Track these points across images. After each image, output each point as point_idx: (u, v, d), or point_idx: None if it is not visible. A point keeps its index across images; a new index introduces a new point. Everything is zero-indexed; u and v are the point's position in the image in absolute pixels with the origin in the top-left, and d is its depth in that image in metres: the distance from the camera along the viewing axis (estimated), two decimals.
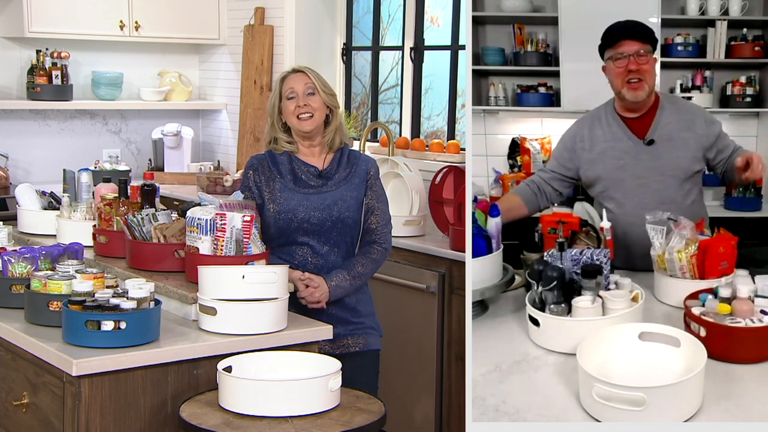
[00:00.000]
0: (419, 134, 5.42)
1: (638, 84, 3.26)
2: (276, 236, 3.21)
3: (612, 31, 3.31)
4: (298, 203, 3.18)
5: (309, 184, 3.21)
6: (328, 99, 3.21)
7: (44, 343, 2.63)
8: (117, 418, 2.59)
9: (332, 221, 3.18)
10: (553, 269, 2.69)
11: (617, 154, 3.36)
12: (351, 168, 3.25)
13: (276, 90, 3.24)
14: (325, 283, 3.14)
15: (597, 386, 2.26)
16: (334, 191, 3.21)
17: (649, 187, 3.33)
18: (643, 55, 3.25)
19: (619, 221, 3.31)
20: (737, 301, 2.62)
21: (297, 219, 3.17)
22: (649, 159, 3.33)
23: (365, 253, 3.25)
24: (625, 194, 3.36)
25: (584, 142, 3.43)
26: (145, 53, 6.18)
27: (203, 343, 2.72)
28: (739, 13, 4.42)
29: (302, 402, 2.50)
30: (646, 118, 3.35)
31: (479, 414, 2.34)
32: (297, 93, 3.18)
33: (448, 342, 4.16)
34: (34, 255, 3.04)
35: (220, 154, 6.32)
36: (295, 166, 3.23)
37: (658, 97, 3.38)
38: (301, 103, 3.17)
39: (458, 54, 5.12)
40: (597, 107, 3.47)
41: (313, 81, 3.19)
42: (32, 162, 5.82)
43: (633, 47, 3.25)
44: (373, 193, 3.26)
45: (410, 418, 4.32)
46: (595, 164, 3.40)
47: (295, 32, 5.69)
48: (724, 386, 2.40)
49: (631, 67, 3.24)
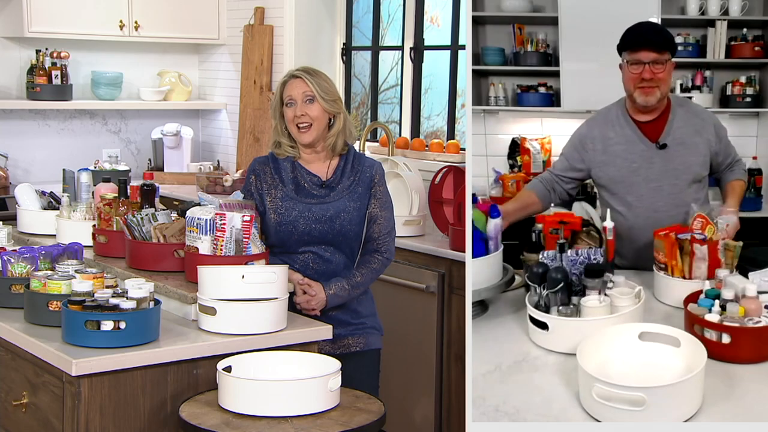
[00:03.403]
0: (419, 134, 5.42)
1: (650, 90, 3.26)
2: (277, 245, 3.17)
3: (631, 35, 3.30)
4: (299, 214, 3.13)
5: (311, 193, 3.16)
6: (328, 106, 3.13)
7: (44, 343, 2.63)
8: (116, 418, 2.59)
9: (333, 233, 3.14)
10: (557, 271, 2.68)
11: (631, 157, 3.36)
12: (355, 175, 3.19)
13: (277, 94, 3.18)
14: (322, 291, 3.11)
15: (597, 386, 2.26)
16: (336, 202, 3.15)
17: (662, 190, 3.34)
18: (660, 64, 3.24)
19: (630, 222, 3.34)
20: (746, 300, 2.62)
21: (297, 231, 3.13)
22: (662, 162, 3.33)
23: (366, 262, 3.22)
24: (637, 197, 3.37)
25: (595, 143, 3.42)
26: (145, 53, 6.18)
27: (203, 343, 2.72)
28: (739, 13, 4.42)
29: (302, 402, 2.50)
30: (659, 122, 3.35)
31: (479, 414, 2.34)
32: (295, 101, 3.12)
33: (447, 342, 4.15)
34: (34, 255, 3.04)
35: (219, 154, 6.32)
36: (298, 174, 3.18)
37: (669, 101, 3.38)
38: (299, 113, 3.11)
39: (458, 54, 5.11)
40: (608, 107, 3.46)
41: (311, 88, 3.11)
42: (32, 162, 5.82)
43: (650, 56, 3.23)
44: (377, 201, 3.21)
45: (410, 418, 4.32)
46: (607, 166, 3.40)
47: (294, 32, 5.69)
48: (724, 386, 2.40)
49: (645, 75, 3.24)
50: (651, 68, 3.24)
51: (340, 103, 3.18)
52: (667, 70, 3.27)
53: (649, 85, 3.26)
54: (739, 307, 2.59)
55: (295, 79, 3.14)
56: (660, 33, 3.30)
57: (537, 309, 2.68)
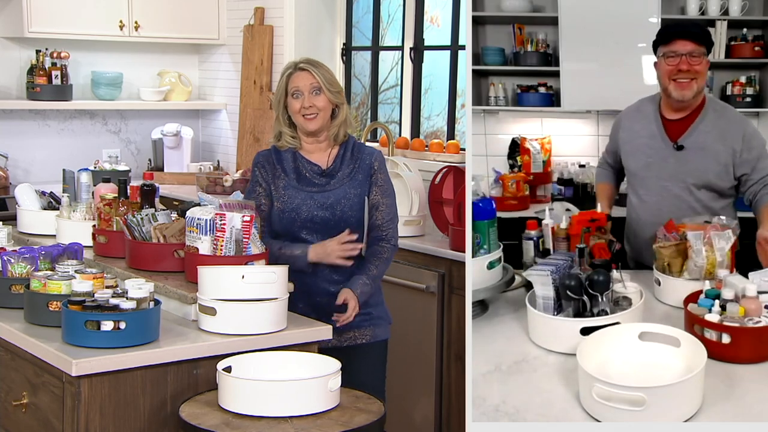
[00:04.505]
0: (419, 134, 5.42)
1: (687, 83, 3.21)
2: (281, 232, 3.23)
3: (667, 28, 3.28)
4: (301, 202, 3.19)
5: (312, 182, 3.22)
6: (333, 97, 3.20)
7: (44, 343, 2.63)
8: (116, 418, 2.59)
9: (335, 220, 3.19)
10: (600, 274, 2.67)
11: (648, 152, 3.36)
12: (355, 163, 3.25)
13: (281, 85, 3.23)
14: (355, 299, 3.14)
15: (597, 386, 2.26)
16: (337, 189, 3.21)
17: (669, 191, 3.32)
18: (697, 56, 3.20)
19: (638, 215, 3.39)
20: (746, 300, 2.62)
21: (300, 218, 3.19)
22: (675, 163, 3.30)
23: (376, 253, 3.25)
24: (647, 192, 3.38)
25: (625, 133, 3.46)
26: (145, 53, 6.17)
27: (203, 343, 2.72)
28: (739, 13, 4.42)
29: (302, 402, 2.50)
30: (685, 122, 3.30)
31: (479, 414, 2.34)
32: (302, 92, 3.19)
33: (447, 342, 4.15)
34: (34, 255, 3.03)
35: (219, 154, 6.31)
36: (299, 164, 3.24)
37: (704, 103, 3.32)
38: (307, 104, 3.18)
39: (458, 54, 5.11)
40: (645, 98, 3.46)
41: (318, 80, 3.18)
42: (32, 162, 5.82)
43: (687, 47, 3.20)
44: (378, 188, 3.25)
45: (410, 418, 4.31)
46: (628, 156, 3.44)
47: (294, 32, 5.68)
48: (724, 386, 2.40)
49: (682, 66, 3.19)
50: (688, 59, 3.19)
51: (343, 94, 3.27)
52: (703, 64, 3.22)
53: (686, 77, 3.20)
54: (739, 307, 2.60)
55: (302, 71, 3.21)
56: (696, 25, 3.31)
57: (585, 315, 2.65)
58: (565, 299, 2.67)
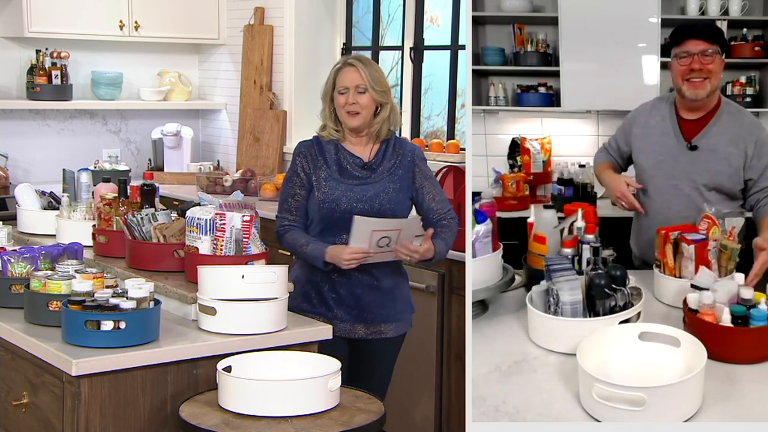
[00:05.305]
0: (419, 134, 5.42)
1: (700, 83, 3.20)
2: (319, 222, 3.25)
3: (679, 29, 3.27)
4: (341, 194, 3.22)
5: (354, 174, 3.26)
6: (378, 96, 3.24)
7: (44, 343, 2.63)
8: (116, 418, 2.59)
9: (373, 213, 3.21)
10: (617, 269, 2.69)
11: (660, 150, 3.35)
12: (396, 158, 3.30)
13: (330, 79, 3.28)
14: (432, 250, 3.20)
15: (597, 386, 2.26)
16: (377, 183, 3.26)
17: (680, 190, 3.31)
18: (709, 55, 3.19)
19: (646, 213, 3.38)
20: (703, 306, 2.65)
21: (339, 210, 3.21)
22: (686, 163, 3.29)
23: (443, 227, 3.31)
24: (656, 190, 3.37)
25: (639, 128, 3.45)
26: (145, 53, 6.17)
27: (203, 343, 2.72)
28: (739, 13, 4.42)
29: (302, 402, 2.50)
30: (700, 123, 3.29)
31: (479, 414, 2.34)
32: (348, 89, 3.22)
33: (447, 342, 4.15)
34: (34, 255, 3.04)
35: (219, 154, 6.31)
36: (341, 156, 3.28)
37: (719, 104, 3.31)
38: (351, 101, 3.22)
39: (458, 54, 5.11)
40: (661, 96, 3.45)
41: (364, 79, 3.21)
42: (32, 162, 5.82)
43: (699, 46, 3.19)
44: (420, 173, 3.31)
45: (410, 418, 4.31)
46: (640, 153, 3.44)
47: (294, 32, 5.69)
48: (724, 386, 2.40)
49: (695, 66, 3.18)
50: (700, 59, 3.18)
51: (389, 93, 3.30)
52: (717, 63, 3.20)
53: (699, 76, 3.19)
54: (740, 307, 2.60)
55: (350, 68, 3.25)
56: (709, 25, 3.30)
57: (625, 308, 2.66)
58: (599, 299, 2.66)
